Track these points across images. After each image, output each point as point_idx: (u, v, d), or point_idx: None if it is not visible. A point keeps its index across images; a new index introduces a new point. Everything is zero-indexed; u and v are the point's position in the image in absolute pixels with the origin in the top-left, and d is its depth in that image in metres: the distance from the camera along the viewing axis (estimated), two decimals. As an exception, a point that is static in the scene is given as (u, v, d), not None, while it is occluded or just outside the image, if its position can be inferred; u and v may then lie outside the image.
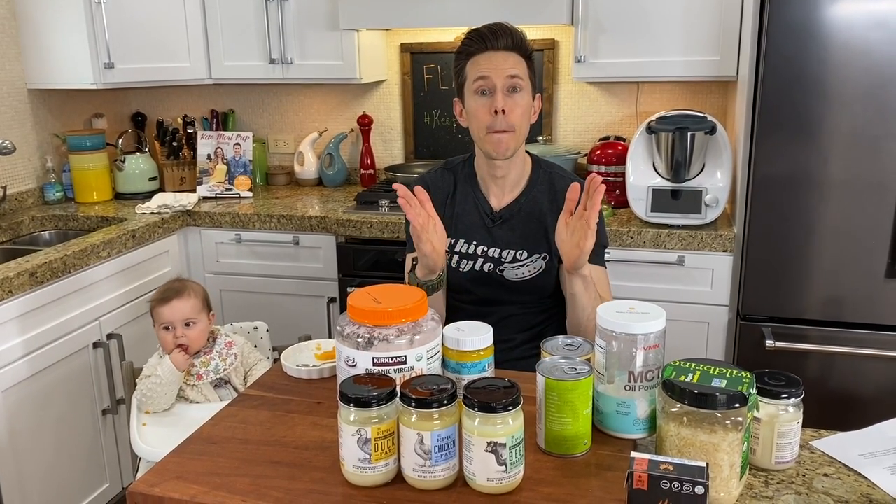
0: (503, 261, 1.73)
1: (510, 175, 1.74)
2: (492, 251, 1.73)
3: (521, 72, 1.64)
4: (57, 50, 2.85)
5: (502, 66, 1.62)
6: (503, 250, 1.73)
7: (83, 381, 2.44)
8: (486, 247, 1.74)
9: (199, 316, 1.90)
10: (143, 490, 1.04)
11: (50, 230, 2.92)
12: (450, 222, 1.74)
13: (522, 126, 1.67)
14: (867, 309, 2.23)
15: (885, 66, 2.06)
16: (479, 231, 1.74)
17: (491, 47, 1.63)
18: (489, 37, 1.63)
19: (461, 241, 1.75)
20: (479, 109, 1.65)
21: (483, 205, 1.76)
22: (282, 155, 3.47)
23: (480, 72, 1.63)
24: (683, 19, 2.55)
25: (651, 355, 1.11)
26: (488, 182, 1.76)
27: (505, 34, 1.64)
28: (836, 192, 2.18)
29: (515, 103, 1.64)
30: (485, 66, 1.63)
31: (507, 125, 1.63)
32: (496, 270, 1.73)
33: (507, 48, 1.64)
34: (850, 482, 1.08)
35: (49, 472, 2.33)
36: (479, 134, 1.67)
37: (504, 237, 1.73)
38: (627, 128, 3.01)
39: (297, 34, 2.93)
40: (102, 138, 3.09)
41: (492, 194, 1.76)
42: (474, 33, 1.67)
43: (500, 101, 1.62)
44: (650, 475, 0.87)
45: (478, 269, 1.74)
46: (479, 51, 1.65)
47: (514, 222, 1.73)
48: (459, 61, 1.69)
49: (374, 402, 0.99)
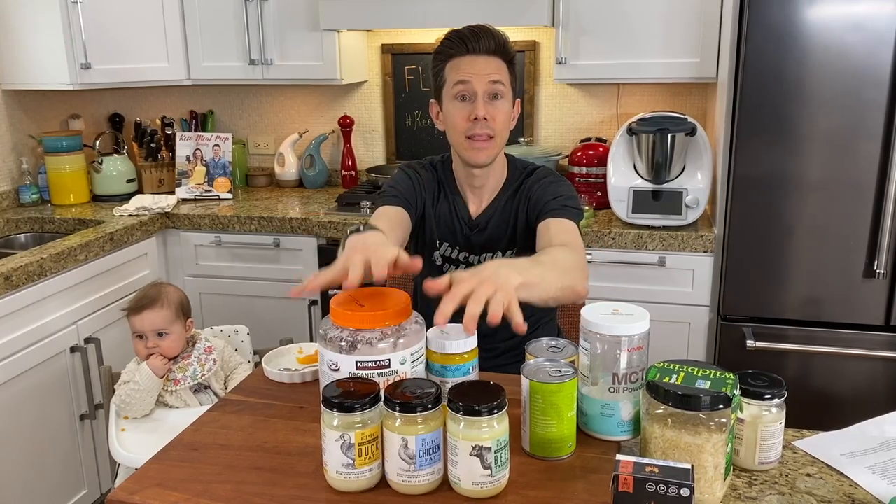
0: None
1: (488, 183, 1.71)
2: (472, 258, 1.72)
3: (502, 77, 1.59)
4: (32, 50, 2.81)
5: (484, 71, 1.57)
6: (480, 255, 1.72)
7: (61, 385, 2.40)
8: (467, 253, 1.73)
9: (171, 327, 1.88)
10: (122, 498, 1.02)
11: (26, 233, 2.88)
12: (436, 223, 1.73)
13: (502, 133, 1.62)
14: (846, 308, 2.26)
15: (863, 68, 2.09)
16: (459, 236, 1.73)
17: (472, 50, 1.58)
18: (470, 39, 1.58)
19: (445, 245, 1.74)
20: (457, 115, 1.60)
21: (462, 211, 1.73)
22: (262, 156, 3.45)
23: (461, 76, 1.58)
24: (664, 21, 2.56)
25: (635, 357, 1.11)
26: (465, 189, 1.73)
27: (487, 37, 1.58)
28: (814, 192, 2.20)
29: (497, 109, 1.59)
30: (465, 70, 1.57)
31: (488, 130, 1.59)
32: None
33: (488, 52, 1.58)
34: (833, 482, 1.08)
35: (26, 478, 2.29)
36: (458, 140, 1.63)
37: (480, 244, 1.72)
38: (608, 129, 3.02)
39: (277, 35, 2.91)
40: (79, 140, 3.05)
41: (470, 201, 1.73)
42: (455, 35, 1.61)
43: (480, 107, 1.57)
44: (635, 477, 0.87)
45: None
46: (460, 53, 1.59)
47: (489, 228, 1.71)
48: (438, 62, 1.63)
49: (357, 407, 0.98)
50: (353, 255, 1.15)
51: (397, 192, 1.69)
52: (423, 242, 1.75)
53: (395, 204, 1.66)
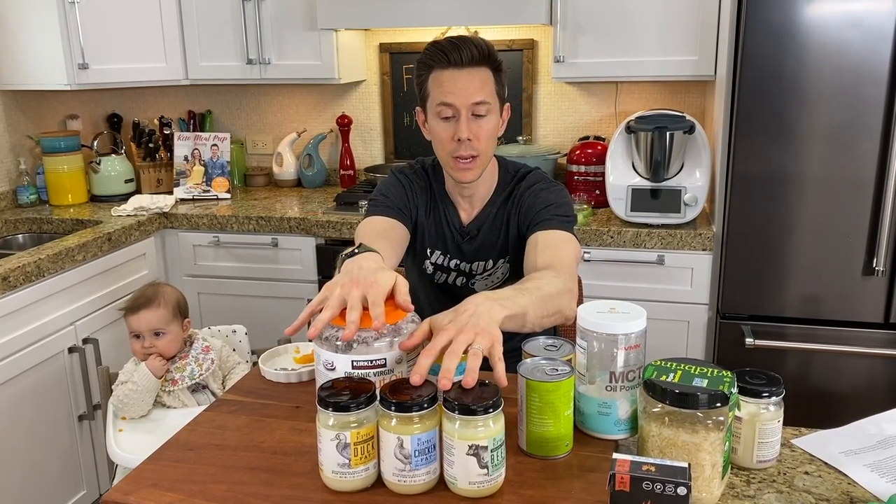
0: (474, 273, 1.71)
1: (478, 192, 1.69)
2: (463, 265, 1.71)
3: (486, 94, 1.53)
4: (30, 50, 2.80)
5: (466, 90, 1.51)
6: (472, 263, 1.70)
7: (59, 386, 2.40)
8: (458, 260, 1.71)
9: (168, 326, 1.87)
10: (117, 499, 1.02)
11: (24, 233, 2.88)
12: (427, 232, 1.71)
13: (487, 150, 1.57)
14: (845, 306, 2.25)
15: (861, 65, 2.08)
16: (450, 245, 1.71)
17: (454, 62, 1.50)
18: (451, 51, 1.50)
19: (437, 253, 1.72)
20: (441, 134, 1.56)
21: (453, 219, 1.71)
22: (260, 156, 3.44)
23: (444, 96, 1.52)
24: (662, 19, 2.56)
25: (632, 355, 1.10)
26: (456, 196, 1.71)
27: (468, 47, 1.51)
28: (813, 190, 2.20)
29: (480, 128, 1.54)
30: (448, 89, 1.51)
31: (472, 151, 1.55)
32: (468, 284, 1.71)
33: (471, 63, 1.51)
34: (831, 480, 1.08)
35: (25, 478, 2.28)
36: (444, 157, 1.60)
37: (472, 251, 1.70)
38: (607, 127, 3.02)
39: (275, 34, 2.90)
40: (77, 140, 3.05)
41: (461, 208, 1.71)
42: (435, 47, 1.53)
43: (464, 129, 1.52)
44: (632, 476, 0.87)
45: (451, 282, 1.72)
46: (441, 66, 1.52)
47: (480, 235, 1.69)
48: (420, 72, 1.57)
49: (352, 406, 0.97)
50: (351, 289, 1.12)
51: (390, 201, 1.66)
52: (414, 251, 1.73)
53: (389, 215, 1.63)
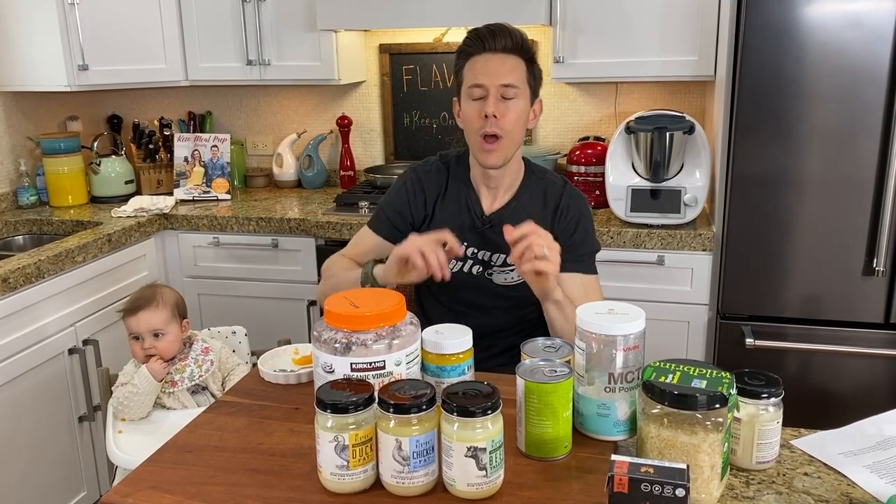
0: (493, 264, 1.71)
1: (504, 182, 1.72)
2: (482, 254, 1.72)
3: (516, 78, 1.60)
4: (30, 51, 2.80)
5: (498, 72, 1.59)
6: (493, 254, 1.71)
7: (59, 387, 2.40)
8: (476, 248, 1.72)
9: (167, 327, 1.87)
10: (116, 501, 1.02)
11: (24, 235, 2.88)
12: (443, 218, 1.73)
13: (514, 132, 1.63)
14: (845, 306, 2.25)
15: (860, 65, 2.08)
16: (469, 232, 1.72)
17: (489, 49, 1.60)
18: (487, 38, 1.60)
19: None
20: (471, 113, 1.63)
21: (475, 206, 1.73)
22: (260, 157, 3.44)
23: (476, 77, 1.60)
24: (661, 20, 2.56)
25: (631, 356, 1.10)
26: (481, 185, 1.74)
27: (504, 35, 1.60)
28: (813, 190, 2.19)
29: (508, 108, 1.60)
30: (480, 70, 1.60)
31: (497, 129, 1.60)
32: (484, 273, 1.72)
33: (505, 50, 1.60)
34: (831, 481, 1.08)
35: (25, 480, 2.28)
36: (473, 139, 1.66)
37: (494, 240, 1.70)
38: (606, 128, 3.01)
39: (275, 35, 2.90)
40: (77, 141, 3.05)
41: (484, 196, 1.74)
42: (473, 33, 1.64)
43: (491, 105, 1.59)
44: (631, 478, 0.87)
45: (466, 270, 1.72)
46: (477, 51, 1.61)
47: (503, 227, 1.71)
48: (459, 61, 1.66)
49: (351, 408, 0.97)
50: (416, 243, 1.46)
51: (386, 216, 1.76)
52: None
53: (380, 232, 1.76)
